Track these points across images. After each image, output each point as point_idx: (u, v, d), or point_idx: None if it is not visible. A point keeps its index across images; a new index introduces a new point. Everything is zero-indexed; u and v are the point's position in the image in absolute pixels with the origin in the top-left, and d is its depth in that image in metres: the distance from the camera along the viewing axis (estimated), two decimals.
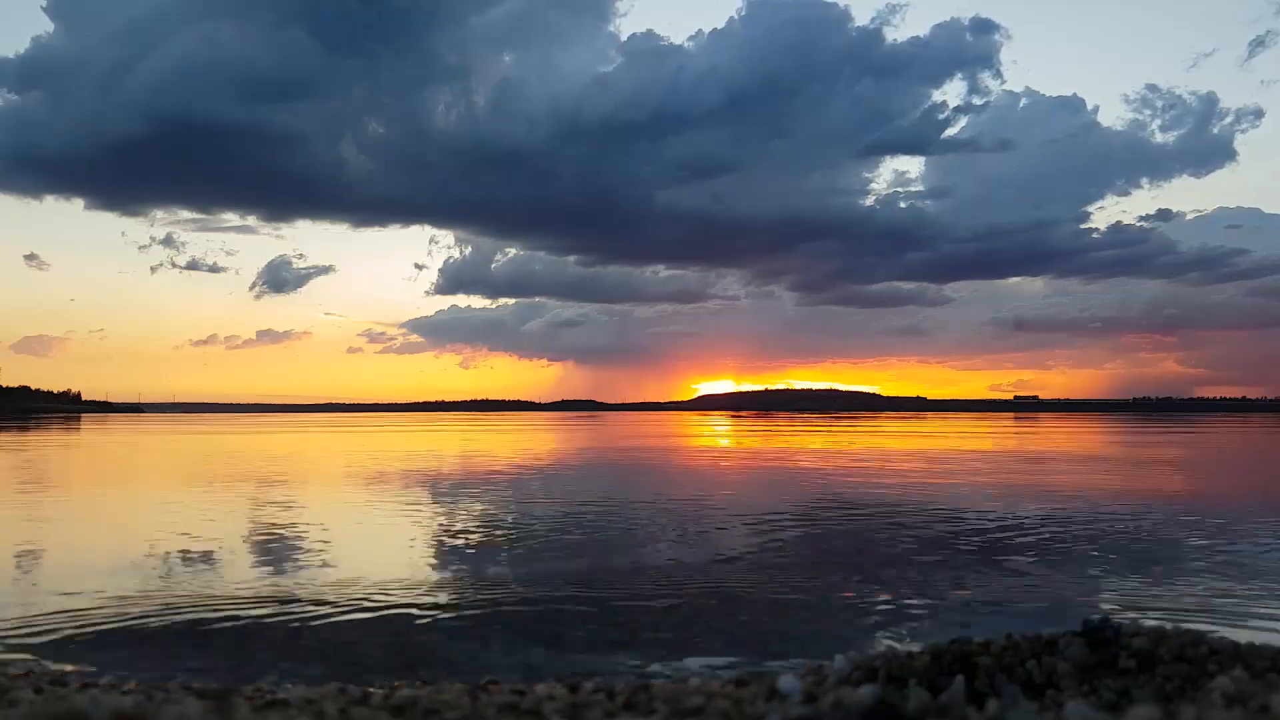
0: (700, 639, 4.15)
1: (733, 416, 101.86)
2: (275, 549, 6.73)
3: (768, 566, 6.03)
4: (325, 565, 6.05)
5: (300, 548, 6.80)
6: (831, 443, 26.14)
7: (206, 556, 6.37)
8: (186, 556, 6.36)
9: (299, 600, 4.95)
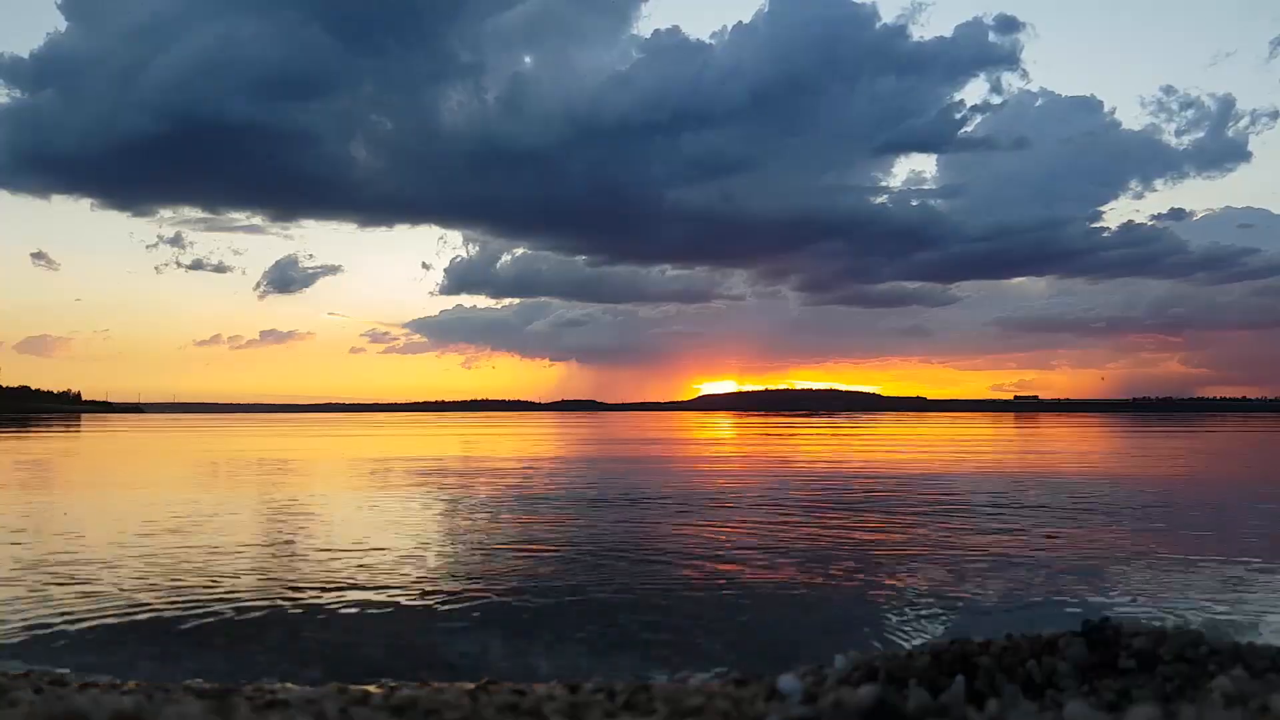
0: (701, 638, 4.16)
1: (731, 416, 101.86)
2: (275, 548, 6.73)
3: (767, 566, 6.03)
4: (325, 565, 6.05)
5: (300, 547, 6.80)
6: (828, 442, 26.15)
7: (206, 556, 6.37)
8: (186, 556, 6.36)
9: (299, 600, 4.95)
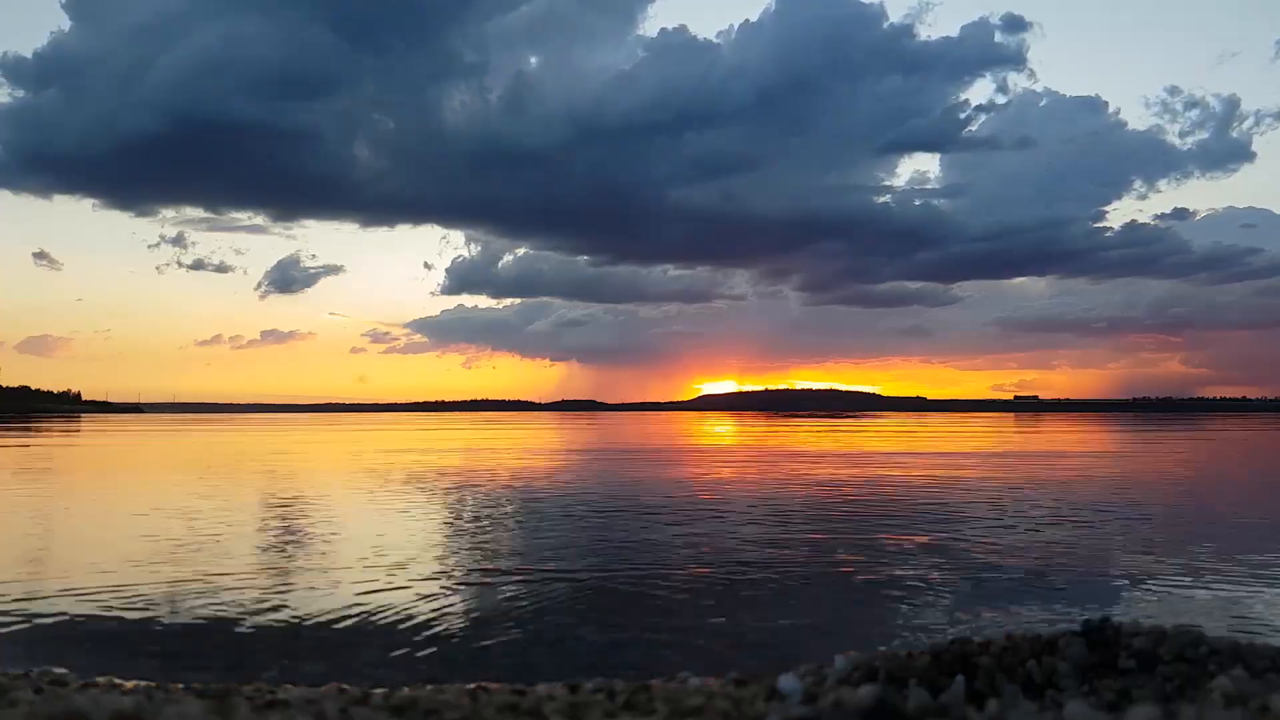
0: (701, 638, 4.16)
1: (731, 417, 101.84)
2: (274, 548, 6.73)
3: (768, 567, 6.03)
4: (325, 564, 6.04)
5: (300, 547, 6.80)
6: (828, 444, 26.15)
7: (206, 556, 6.37)
8: (186, 555, 6.36)
9: (299, 600, 4.95)
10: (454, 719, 1.82)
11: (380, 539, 7.26)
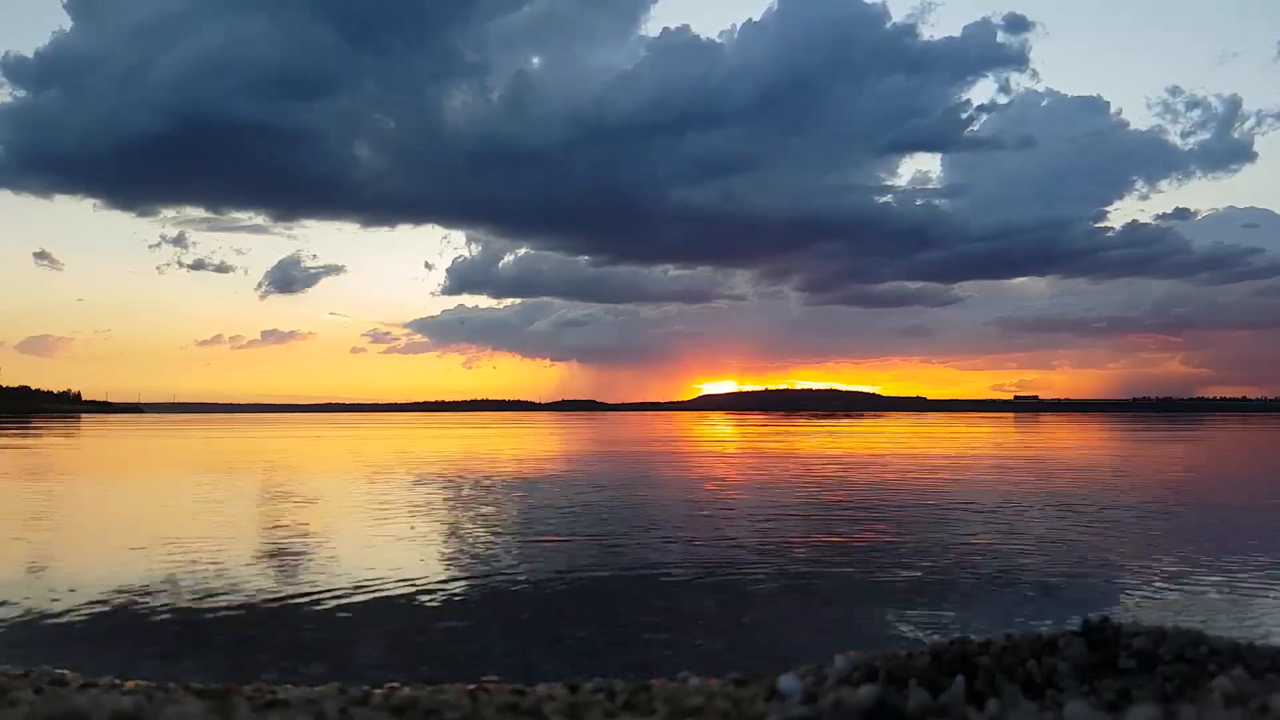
0: (701, 638, 4.15)
1: (731, 417, 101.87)
2: (275, 549, 6.73)
3: (767, 567, 6.03)
4: (325, 565, 6.05)
5: (300, 547, 6.79)
6: (825, 442, 26.15)
7: (206, 556, 6.37)
8: (186, 556, 6.36)
9: (299, 600, 4.95)
10: (454, 719, 1.82)
11: (379, 539, 7.26)
